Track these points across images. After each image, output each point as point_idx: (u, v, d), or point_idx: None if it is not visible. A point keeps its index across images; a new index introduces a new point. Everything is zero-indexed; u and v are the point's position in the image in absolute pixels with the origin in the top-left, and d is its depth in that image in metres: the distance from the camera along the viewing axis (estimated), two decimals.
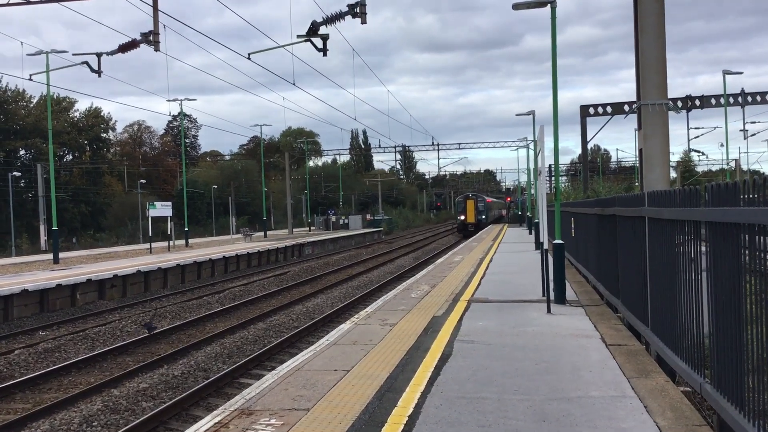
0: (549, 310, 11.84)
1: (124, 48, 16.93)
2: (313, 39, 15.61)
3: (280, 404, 6.64)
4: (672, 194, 6.86)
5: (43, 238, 59.00)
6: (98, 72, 20.03)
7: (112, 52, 17.64)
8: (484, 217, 64.59)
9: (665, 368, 8.13)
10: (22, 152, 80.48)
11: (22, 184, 76.36)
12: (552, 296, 12.47)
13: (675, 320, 7.39)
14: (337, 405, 6.55)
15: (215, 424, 6.19)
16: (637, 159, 11.87)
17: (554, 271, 12.80)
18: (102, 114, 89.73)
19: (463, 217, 63.97)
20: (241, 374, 13.37)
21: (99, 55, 19.78)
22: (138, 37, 16.13)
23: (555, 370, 7.82)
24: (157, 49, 15.64)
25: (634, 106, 11.95)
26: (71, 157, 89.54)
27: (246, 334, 16.93)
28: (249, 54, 18.42)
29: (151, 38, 15.48)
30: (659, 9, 10.36)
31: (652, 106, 10.63)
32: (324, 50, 15.95)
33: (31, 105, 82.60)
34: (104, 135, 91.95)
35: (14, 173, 63.01)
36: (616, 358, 8.36)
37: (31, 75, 27.20)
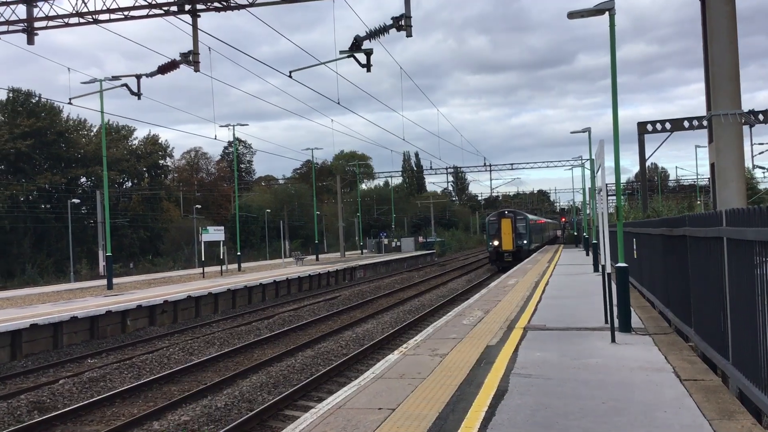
0: (613, 339, 10.95)
1: (164, 69, 16.79)
2: (356, 54, 15.16)
3: None
4: (761, 212, 6.03)
5: (101, 263, 59.94)
6: (138, 94, 19.98)
7: (152, 74, 17.53)
8: (526, 242, 47.47)
9: (749, 406, 7.23)
10: (83, 179, 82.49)
11: (83, 211, 78.15)
12: (616, 324, 11.57)
13: (760, 353, 6.53)
14: None
15: None
16: (709, 174, 10.92)
17: (618, 296, 11.90)
18: (159, 141, 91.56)
19: (496, 243, 47.10)
20: (287, 405, 12.81)
21: (138, 77, 19.76)
22: (178, 58, 15.97)
23: (625, 410, 7.00)
24: (197, 70, 15.42)
25: (704, 118, 11.03)
26: (130, 183, 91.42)
27: (293, 362, 16.38)
28: (290, 72, 18.08)
29: (190, 58, 15.27)
30: (730, 11, 9.48)
31: (725, 116, 9.74)
32: (368, 66, 15.44)
33: (92, 134, 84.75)
34: (162, 162, 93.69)
35: (74, 200, 64.34)
36: (693, 396, 7.48)
37: (71, 99, 27.48)
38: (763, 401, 6.47)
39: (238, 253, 47.36)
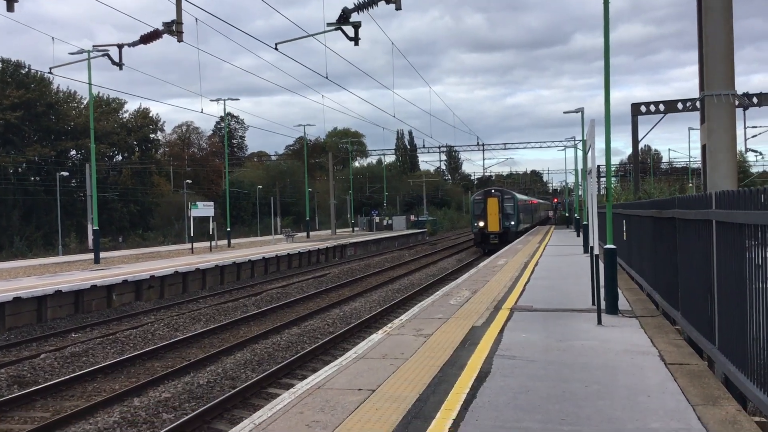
0: (600, 322, 10.85)
1: (146, 39, 16.40)
2: (344, 27, 14.83)
3: None
4: (751, 195, 5.88)
5: (90, 237, 59.65)
6: (119, 64, 19.59)
7: (134, 44, 17.14)
8: (513, 223, 44.45)
9: (734, 392, 7.13)
10: (73, 152, 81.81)
11: (73, 184, 77.59)
12: (603, 305, 11.47)
13: (748, 339, 6.41)
14: None
15: None
16: (701, 156, 10.77)
17: (606, 278, 11.79)
18: (150, 115, 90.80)
19: (481, 224, 43.85)
20: (270, 383, 12.70)
21: (120, 47, 19.31)
22: (161, 28, 15.58)
23: (608, 393, 6.89)
24: (180, 40, 15.04)
25: (697, 99, 10.85)
26: (120, 157, 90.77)
27: (279, 340, 16.27)
28: (276, 44, 17.70)
29: (174, 28, 14.90)
30: None
31: (717, 97, 9.56)
32: (356, 39, 15.10)
33: (82, 106, 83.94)
34: (153, 136, 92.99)
35: (62, 173, 63.80)
36: (678, 381, 7.38)
37: (51, 68, 26.97)
38: (749, 388, 6.37)
39: (228, 229, 47.12)
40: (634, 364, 8.09)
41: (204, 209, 40.51)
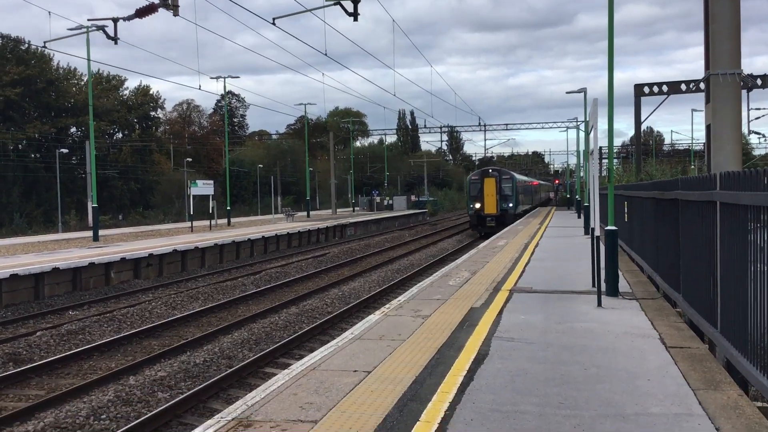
0: (600, 304, 10.73)
1: (141, 13, 16.16)
2: (343, 2, 14.59)
3: (286, 413, 5.76)
4: (757, 175, 5.72)
5: (90, 215, 59.55)
6: (115, 39, 19.33)
7: (129, 17, 16.91)
8: (512, 205, 42.43)
9: (736, 377, 7.02)
10: (73, 129, 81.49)
11: (74, 161, 77.36)
12: (603, 287, 11.34)
13: (750, 323, 6.29)
14: (350, 417, 5.63)
15: None
16: (705, 137, 10.58)
17: (606, 260, 11.65)
18: (151, 92, 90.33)
19: (478, 205, 41.85)
20: (267, 363, 12.63)
21: (116, 20, 19.05)
22: (156, 1, 15.34)
23: (607, 377, 6.78)
24: (176, 14, 14.84)
25: (702, 79, 10.63)
26: (121, 135, 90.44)
27: (276, 320, 16.19)
28: (274, 19, 17.46)
29: (169, 2, 14.66)
30: None
31: (723, 76, 9.35)
32: (355, 15, 14.84)
33: (82, 83, 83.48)
34: (153, 113, 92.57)
35: (62, 150, 63.60)
36: (679, 364, 7.26)
37: (45, 42, 26.58)
38: (750, 372, 6.25)
39: (228, 208, 46.99)
40: (634, 347, 7.98)
41: (204, 187, 40.36)
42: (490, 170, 43.86)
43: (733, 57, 9.38)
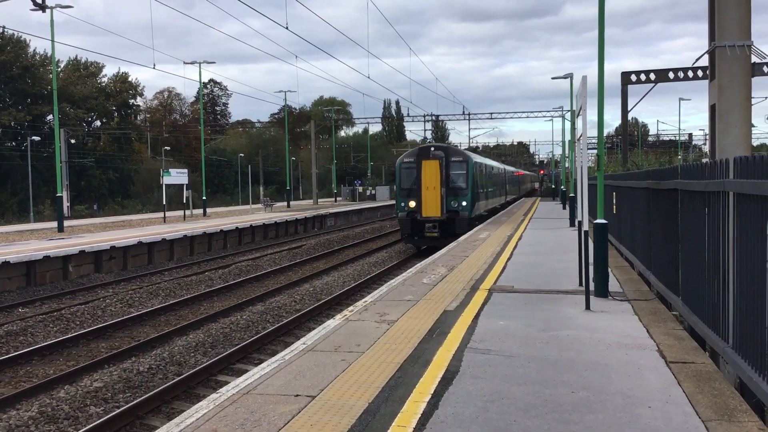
0: (588, 306, 9.60)
1: None
2: None
3: None
4: None
5: (65, 204, 57.92)
6: (42, 7, 17.96)
7: None
8: (466, 203, 27.20)
9: (750, 400, 5.91)
10: (49, 117, 79.52)
11: (51, 150, 75.38)
12: (592, 287, 10.20)
13: None
14: None
15: None
16: (708, 119, 9.43)
17: (595, 257, 10.51)
18: (130, 80, 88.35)
19: (412, 204, 26.98)
20: (221, 370, 11.42)
21: None
22: None
23: (600, 403, 5.62)
24: None
25: (706, 51, 9.46)
26: (99, 123, 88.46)
27: (238, 319, 14.96)
28: None
29: None
30: None
31: (731, 48, 8.20)
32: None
33: (59, 69, 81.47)
34: (132, 101, 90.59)
35: (34, 138, 61.78)
36: (683, 385, 6.13)
37: None
38: None
39: (203, 198, 45.58)
40: (629, 362, 6.84)
41: (177, 176, 38.97)
42: (432, 149, 27.54)
43: (742, 26, 8.22)
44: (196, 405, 5.72)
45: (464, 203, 27.08)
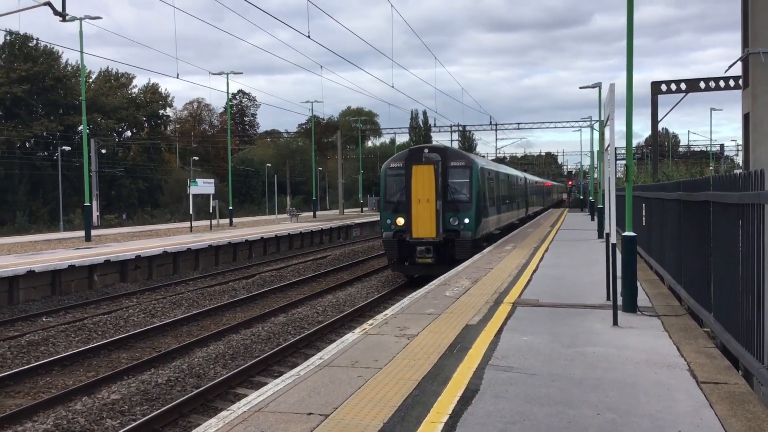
0: (615, 322, 9.27)
1: None
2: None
3: None
4: None
5: (95, 213, 58.54)
6: (62, 15, 18.07)
7: None
8: (468, 221, 21.19)
9: None
10: (80, 127, 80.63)
11: (82, 160, 76.43)
12: (620, 302, 9.87)
13: None
14: None
15: None
16: (741, 128, 9.09)
17: (623, 270, 10.19)
18: (159, 90, 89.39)
19: (401, 222, 21.29)
20: (240, 382, 11.27)
21: None
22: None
23: (626, 426, 5.34)
24: None
25: (739, 58, 9.14)
26: (130, 133, 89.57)
27: (260, 330, 14.82)
28: None
29: None
30: None
31: (765, 54, 7.87)
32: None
33: (90, 81, 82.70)
34: (162, 112, 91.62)
35: (65, 147, 62.66)
36: (715, 407, 5.81)
37: None
38: None
39: (230, 207, 45.73)
40: (658, 382, 6.53)
41: (204, 186, 39.15)
42: (426, 150, 21.63)
43: None
44: (205, 423, 5.54)
45: (466, 220, 21.09)
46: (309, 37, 28.38)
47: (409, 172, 21.07)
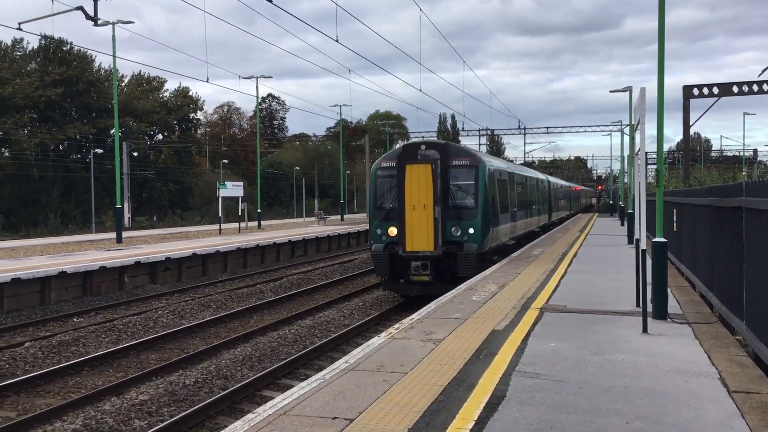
0: (645, 329, 9.15)
1: None
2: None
3: None
4: None
5: (126, 215, 59.34)
6: (94, 19, 18.29)
7: None
8: (473, 231, 17.62)
9: None
10: (113, 131, 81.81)
11: (114, 162, 77.50)
12: (649, 308, 9.74)
13: None
14: None
15: None
16: None
17: (654, 277, 10.05)
18: (190, 94, 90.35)
19: (393, 232, 17.88)
20: (267, 384, 11.32)
21: None
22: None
23: None
24: None
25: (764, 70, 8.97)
26: (161, 136, 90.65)
27: (286, 333, 14.87)
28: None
29: None
30: None
31: None
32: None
33: (123, 84, 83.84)
34: (193, 115, 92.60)
35: (97, 150, 63.61)
36: (746, 417, 5.71)
37: (20, 23, 24.98)
38: None
39: (258, 210, 46.06)
40: (689, 391, 6.43)
41: (233, 189, 39.46)
42: (422, 147, 18.29)
43: None
44: (230, 425, 5.57)
45: (471, 230, 17.72)
46: (338, 41, 28.46)
47: (402, 173, 17.75)
